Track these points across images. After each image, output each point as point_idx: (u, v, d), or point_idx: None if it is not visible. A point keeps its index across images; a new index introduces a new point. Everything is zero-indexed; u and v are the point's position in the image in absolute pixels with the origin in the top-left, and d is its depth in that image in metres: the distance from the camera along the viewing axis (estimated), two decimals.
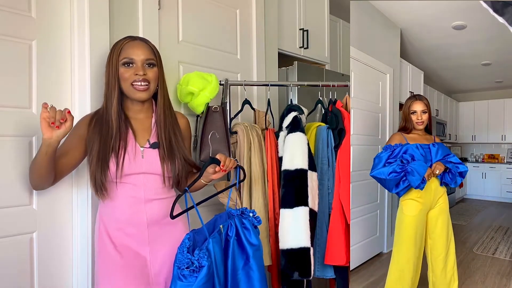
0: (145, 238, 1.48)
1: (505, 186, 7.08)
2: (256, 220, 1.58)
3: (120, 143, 1.44)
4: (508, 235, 4.58)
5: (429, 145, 2.26)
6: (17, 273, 1.52)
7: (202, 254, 1.35)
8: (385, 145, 2.26)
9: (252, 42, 2.46)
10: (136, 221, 1.47)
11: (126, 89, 1.46)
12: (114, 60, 1.44)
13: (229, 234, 1.52)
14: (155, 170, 1.49)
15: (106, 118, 1.45)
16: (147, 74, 1.45)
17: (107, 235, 1.48)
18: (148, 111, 1.55)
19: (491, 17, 1.89)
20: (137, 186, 1.47)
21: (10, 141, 1.51)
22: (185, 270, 1.32)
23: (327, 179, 2.17)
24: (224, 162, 1.51)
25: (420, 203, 2.19)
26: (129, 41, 1.47)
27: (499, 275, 3.20)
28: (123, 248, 1.46)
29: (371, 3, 3.42)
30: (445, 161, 2.23)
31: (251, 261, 1.51)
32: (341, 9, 3.73)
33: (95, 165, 1.41)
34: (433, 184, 2.24)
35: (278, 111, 2.49)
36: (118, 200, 1.47)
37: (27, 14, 1.56)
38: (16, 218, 1.52)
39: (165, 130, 1.51)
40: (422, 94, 4.17)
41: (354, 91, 3.13)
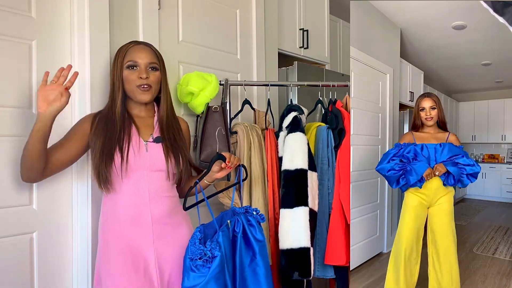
0: (150, 237, 1.47)
1: (505, 186, 7.08)
2: (260, 217, 1.61)
3: (124, 137, 1.46)
4: (508, 235, 4.58)
5: (436, 145, 2.29)
6: (17, 273, 1.52)
7: (214, 245, 1.38)
8: (395, 143, 2.40)
9: (252, 42, 2.46)
10: (141, 220, 1.47)
11: (130, 91, 1.51)
12: (119, 63, 1.50)
13: (236, 230, 1.54)
14: (160, 166, 1.50)
15: (110, 117, 1.48)
16: (150, 78, 1.50)
17: (111, 233, 1.47)
18: (150, 111, 1.59)
19: (491, 17, 1.89)
20: (142, 184, 1.47)
21: (10, 141, 1.51)
22: (198, 260, 1.34)
23: (327, 179, 2.17)
24: (229, 159, 1.56)
25: (420, 198, 2.30)
26: (133, 45, 1.53)
27: (499, 275, 3.20)
28: (127, 247, 1.46)
29: (371, 3, 3.42)
30: (452, 162, 2.25)
31: (257, 258, 1.54)
32: (341, 9, 3.73)
33: (99, 158, 1.42)
34: (435, 183, 2.27)
35: (278, 111, 2.49)
36: (123, 194, 1.47)
37: (27, 14, 1.56)
38: (16, 218, 1.52)
39: (167, 127, 1.55)
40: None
41: (354, 91, 3.13)
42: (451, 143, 2.31)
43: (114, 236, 1.47)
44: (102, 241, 1.50)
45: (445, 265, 2.31)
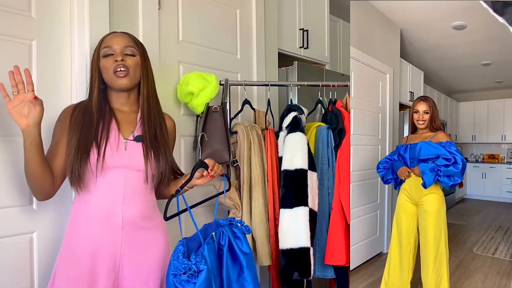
0: (118, 240, 1.38)
1: (505, 186, 7.08)
2: (245, 228, 1.53)
3: (102, 133, 1.37)
4: (508, 235, 4.58)
5: (417, 144, 2.34)
6: (17, 273, 1.52)
7: (199, 258, 1.29)
8: (397, 145, 2.56)
9: (252, 42, 2.46)
10: (110, 221, 1.37)
11: (109, 79, 1.41)
12: (95, 53, 1.43)
13: (222, 243, 1.44)
14: (138, 166, 1.40)
15: (88, 109, 1.40)
16: (127, 61, 1.40)
17: (76, 236, 1.38)
18: (134, 105, 1.49)
19: (491, 17, 1.89)
20: (117, 183, 1.38)
21: (10, 141, 1.51)
22: (183, 276, 1.25)
23: (327, 179, 2.17)
24: (213, 167, 1.47)
25: (405, 196, 2.41)
26: (110, 34, 1.47)
27: (499, 275, 3.20)
28: (91, 250, 1.36)
29: (371, 3, 3.42)
30: (426, 163, 2.26)
31: (245, 272, 1.45)
32: (341, 9, 3.73)
33: (74, 155, 1.33)
34: (416, 182, 2.32)
35: (278, 111, 2.49)
36: (96, 194, 1.37)
37: (27, 14, 1.56)
38: (16, 218, 1.52)
39: (149, 122, 1.44)
40: (421, 94, 4.19)
41: (354, 91, 3.14)
42: (428, 141, 2.30)
43: (79, 239, 1.37)
44: (64, 245, 1.40)
45: (426, 267, 2.32)
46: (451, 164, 2.17)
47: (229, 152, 1.98)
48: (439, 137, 2.32)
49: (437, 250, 2.28)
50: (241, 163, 2.03)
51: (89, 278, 1.36)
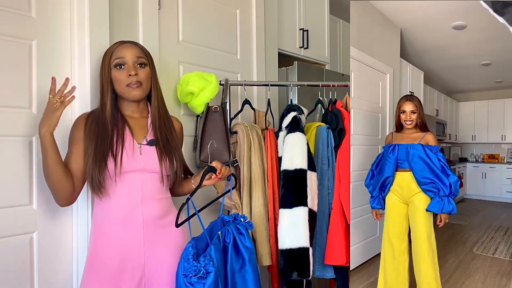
0: (141, 239, 1.47)
1: (505, 186, 7.08)
2: (248, 224, 1.65)
3: (118, 141, 1.45)
4: (508, 235, 4.58)
5: (407, 145, 2.35)
6: (17, 273, 1.52)
7: (207, 260, 1.39)
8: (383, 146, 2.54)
9: (252, 42, 2.46)
10: (132, 221, 1.46)
11: (121, 91, 1.49)
12: (106, 64, 1.48)
13: (226, 240, 1.56)
14: (153, 168, 1.49)
15: (102, 120, 1.47)
16: (139, 75, 1.47)
17: (102, 239, 1.46)
18: (144, 111, 1.57)
19: (491, 17, 1.89)
20: (135, 185, 1.46)
21: (10, 141, 1.51)
22: (193, 278, 1.35)
23: (327, 179, 2.17)
24: (220, 170, 1.58)
25: (395, 195, 2.41)
26: (119, 44, 1.51)
27: (499, 275, 3.20)
28: (116, 250, 1.45)
29: (371, 3, 3.42)
30: (433, 203, 2.27)
31: (247, 265, 1.58)
32: (341, 9, 3.73)
33: (93, 163, 1.41)
34: (405, 180, 2.34)
35: (278, 111, 2.49)
36: (116, 198, 1.45)
37: (27, 14, 1.56)
38: (16, 218, 1.52)
39: (160, 128, 1.53)
40: (421, 94, 4.20)
41: (354, 91, 3.13)
42: (423, 145, 2.31)
43: (105, 241, 1.45)
44: (91, 250, 1.48)
45: (418, 266, 2.32)
46: (447, 196, 2.23)
47: (229, 152, 1.98)
48: (428, 139, 2.33)
49: (430, 245, 2.29)
50: (241, 163, 2.03)
51: (117, 278, 1.44)
